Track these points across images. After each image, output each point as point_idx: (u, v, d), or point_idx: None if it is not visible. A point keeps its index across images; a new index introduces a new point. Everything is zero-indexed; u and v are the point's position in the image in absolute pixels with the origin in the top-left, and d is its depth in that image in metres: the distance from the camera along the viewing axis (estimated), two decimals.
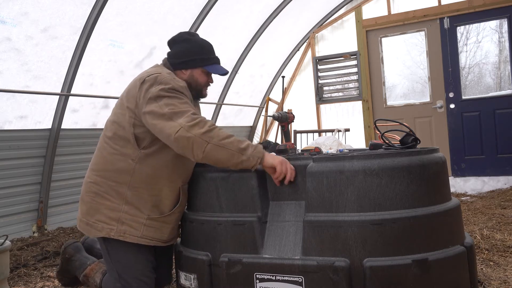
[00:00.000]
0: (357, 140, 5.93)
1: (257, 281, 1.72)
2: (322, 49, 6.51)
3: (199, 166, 2.06)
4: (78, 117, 4.09)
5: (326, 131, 5.28)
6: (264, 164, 1.80)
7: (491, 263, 2.48)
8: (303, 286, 1.64)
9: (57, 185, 4.00)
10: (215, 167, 1.90)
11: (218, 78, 5.71)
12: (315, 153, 1.97)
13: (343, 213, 1.64)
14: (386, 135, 1.95)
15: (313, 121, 6.50)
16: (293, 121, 2.94)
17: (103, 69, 4.11)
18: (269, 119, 6.66)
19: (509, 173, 5.29)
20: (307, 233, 1.68)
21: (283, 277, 1.68)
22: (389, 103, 6.08)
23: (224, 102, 5.99)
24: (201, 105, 2.33)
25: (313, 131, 5.21)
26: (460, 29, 5.65)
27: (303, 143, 5.23)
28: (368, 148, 2.11)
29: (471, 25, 5.63)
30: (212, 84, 2.18)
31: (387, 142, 1.93)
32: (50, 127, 3.83)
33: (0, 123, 3.49)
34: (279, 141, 5.54)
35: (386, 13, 5.96)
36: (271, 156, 1.81)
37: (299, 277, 1.65)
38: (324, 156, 1.77)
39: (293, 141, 4.89)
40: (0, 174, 3.53)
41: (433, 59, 5.74)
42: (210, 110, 5.85)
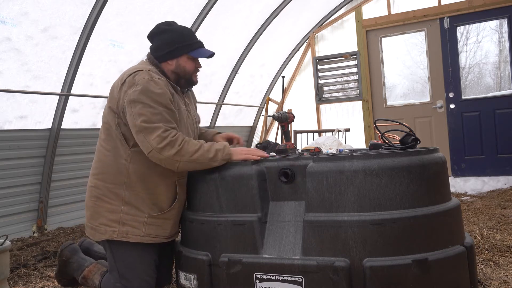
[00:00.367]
0: (357, 140, 5.93)
1: (257, 281, 1.72)
2: (322, 49, 6.51)
3: None
4: (78, 117, 4.09)
5: (326, 131, 5.28)
6: (234, 160, 1.93)
7: (491, 263, 2.48)
8: (303, 286, 1.64)
9: (57, 185, 4.00)
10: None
11: (218, 78, 5.74)
12: (315, 153, 1.97)
13: (343, 213, 1.64)
14: (386, 135, 1.95)
15: (313, 121, 6.50)
16: (293, 121, 2.94)
17: (103, 69, 4.11)
18: (269, 119, 6.66)
19: (509, 173, 5.29)
20: (307, 233, 1.68)
21: (283, 277, 1.68)
22: (389, 103, 6.08)
23: (224, 102, 5.99)
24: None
25: (313, 131, 5.21)
26: (460, 29, 5.65)
27: (303, 143, 5.23)
28: (368, 148, 2.11)
29: (471, 25, 5.63)
30: (200, 69, 2.16)
31: (387, 142, 1.93)
32: (50, 127, 3.83)
33: (0, 123, 3.49)
34: (279, 141, 5.54)
35: (386, 13, 5.96)
36: (236, 153, 1.93)
37: (299, 277, 1.65)
38: (324, 156, 1.77)
39: (293, 141, 4.89)
40: (0, 174, 3.53)
41: (433, 59, 5.74)
42: (210, 110, 5.84)
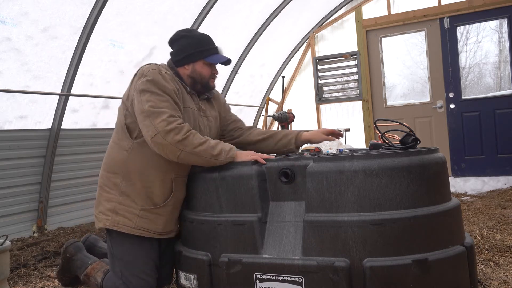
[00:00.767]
0: (357, 140, 5.93)
1: (257, 281, 1.72)
2: (322, 49, 6.51)
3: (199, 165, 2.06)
4: (78, 117, 4.09)
5: None
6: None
7: (491, 263, 2.48)
8: (303, 286, 1.64)
9: (57, 185, 4.00)
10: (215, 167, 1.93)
11: (218, 78, 5.72)
12: (315, 153, 1.97)
13: (343, 213, 1.64)
14: (386, 135, 1.95)
15: (313, 121, 6.50)
16: (293, 121, 2.95)
17: (103, 69, 4.11)
18: (269, 119, 6.65)
19: (509, 173, 5.29)
20: (307, 233, 1.68)
21: (283, 277, 1.68)
22: (389, 103, 6.08)
23: None
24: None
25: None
26: (460, 29, 5.65)
27: None
28: (368, 148, 2.11)
29: (471, 25, 5.63)
30: (217, 75, 2.21)
31: (387, 142, 1.93)
32: (50, 127, 3.83)
33: (0, 123, 3.49)
34: None
35: (386, 13, 5.96)
36: (241, 156, 1.92)
37: (299, 277, 1.65)
38: (324, 156, 1.77)
39: None
40: (0, 174, 3.53)
41: (433, 59, 5.74)
42: None
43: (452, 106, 5.62)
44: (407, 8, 5.84)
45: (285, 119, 2.65)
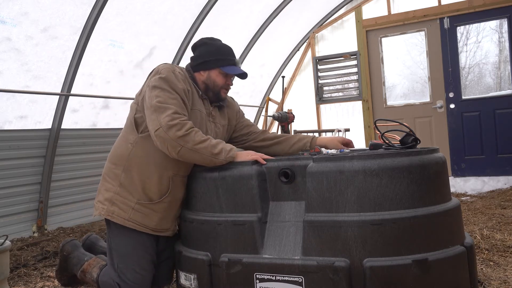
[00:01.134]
0: (357, 140, 5.93)
1: (257, 281, 1.73)
2: (322, 49, 6.51)
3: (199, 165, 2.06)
4: (78, 117, 4.09)
5: (326, 131, 5.28)
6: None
7: (491, 263, 2.47)
8: (303, 286, 1.64)
9: (57, 185, 4.00)
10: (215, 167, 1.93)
11: None
12: (315, 153, 1.97)
13: (343, 213, 1.64)
14: (386, 135, 1.95)
15: (313, 121, 6.50)
16: (293, 121, 2.95)
17: (103, 69, 4.11)
18: (269, 119, 6.66)
19: (509, 173, 5.29)
20: (307, 233, 1.68)
21: (283, 277, 1.68)
22: (389, 103, 6.08)
23: None
24: None
25: (313, 131, 5.21)
26: (460, 29, 5.65)
27: None
28: (368, 148, 2.11)
29: (471, 25, 5.63)
30: (231, 86, 2.23)
31: (387, 142, 1.93)
32: (50, 127, 3.83)
33: (0, 123, 3.49)
34: None
35: (386, 13, 5.96)
36: (241, 156, 1.92)
37: (299, 277, 1.65)
38: (324, 156, 1.77)
39: None
40: (0, 174, 3.53)
41: (433, 59, 5.74)
42: None
43: (452, 106, 5.62)
44: (407, 8, 5.84)
45: (285, 119, 2.64)
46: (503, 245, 2.76)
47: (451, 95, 5.61)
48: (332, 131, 5.16)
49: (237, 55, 5.74)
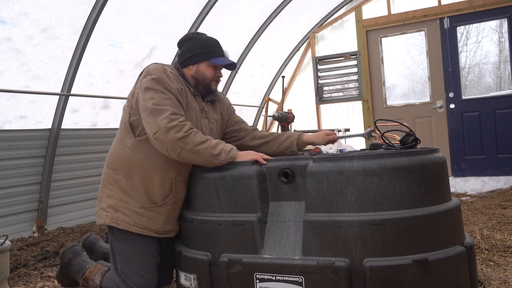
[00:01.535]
0: (357, 140, 5.93)
1: (257, 281, 1.72)
2: (322, 49, 6.50)
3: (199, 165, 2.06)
4: (78, 117, 4.09)
5: None
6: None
7: (491, 263, 2.47)
8: (303, 286, 1.64)
9: (57, 185, 4.00)
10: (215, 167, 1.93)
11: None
12: (315, 153, 1.97)
13: (343, 213, 1.64)
14: (386, 135, 1.95)
15: (313, 121, 6.50)
16: (293, 121, 2.94)
17: (103, 69, 4.11)
18: (269, 119, 6.65)
19: (509, 173, 5.29)
20: (307, 233, 1.68)
21: (283, 277, 1.68)
22: (389, 103, 6.08)
23: None
24: None
25: (313, 131, 5.20)
26: (460, 29, 5.65)
27: None
28: (368, 148, 2.11)
29: (471, 25, 5.63)
30: (221, 78, 2.21)
31: (387, 142, 1.93)
32: (50, 127, 3.83)
33: (0, 123, 3.49)
34: None
35: (386, 13, 5.96)
36: (241, 156, 1.92)
37: (299, 277, 1.65)
38: (324, 156, 1.77)
39: None
40: (0, 174, 3.53)
41: (433, 59, 5.74)
42: None
43: (452, 106, 5.62)
44: (407, 8, 5.84)
45: (285, 119, 2.64)
46: (503, 245, 2.76)
47: (451, 95, 5.61)
48: (332, 131, 5.15)
49: (237, 55, 5.78)
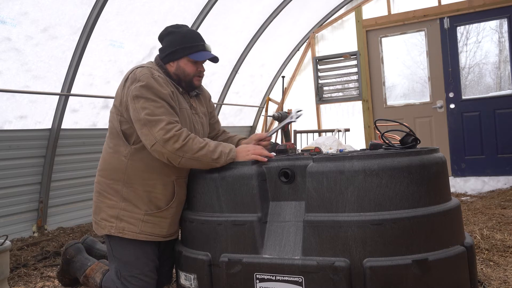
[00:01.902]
0: (357, 140, 5.93)
1: (257, 281, 1.72)
2: (322, 49, 6.50)
3: None
4: (78, 117, 4.09)
5: (326, 131, 5.28)
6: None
7: (491, 263, 2.47)
8: (303, 286, 1.64)
9: (57, 185, 4.00)
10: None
11: (219, 78, 5.74)
12: (315, 153, 1.97)
13: (343, 213, 1.64)
14: (386, 135, 1.95)
15: (313, 121, 6.50)
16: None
17: (103, 69, 4.11)
18: (269, 119, 6.65)
19: (509, 173, 5.28)
20: (307, 233, 1.68)
21: (283, 277, 1.68)
22: (389, 103, 6.08)
23: (224, 102, 5.99)
24: None
25: (313, 131, 5.21)
26: (460, 29, 5.65)
27: (303, 143, 5.23)
28: (368, 148, 2.11)
29: (471, 25, 5.63)
30: (204, 72, 2.15)
31: (387, 142, 1.93)
32: (50, 127, 3.83)
33: (0, 123, 3.49)
34: (279, 141, 5.54)
35: (386, 13, 5.96)
36: (242, 156, 1.92)
37: (299, 277, 1.65)
38: (324, 156, 1.77)
39: (293, 141, 4.89)
40: (0, 174, 3.53)
41: (433, 59, 5.74)
42: None
43: (452, 106, 5.62)
44: (407, 8, 5.84)
45: (285, 119, 2.63)
46: (503, 245, 2.76)
47: (451, 95, 5.61)
48: (332, 131, 5.16)
49: (237, 55, 5.79)
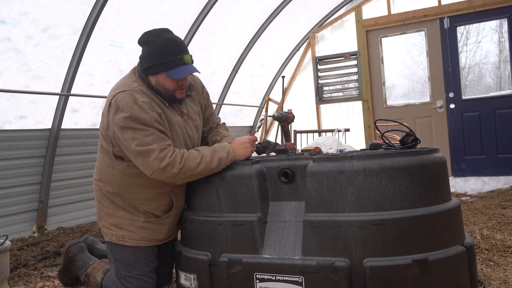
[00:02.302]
0: (357, 140, 5.93)
1: (257, 281, 1.72)
2: (322, 49, 6.50)
3: None
4: (78, 117, 4.09)
5: (326, 131, 5.28)
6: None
7: (491, 263, 2.47)
8: (303, 286, 1.64)
9: (57, 185, 4.00)
10: None
11: (218, 78, 5.74)
12: (315, 153, 1.97)
13: (343, 213, 1.64)
14: (386, 135, 1.95)
15: (313, 121, 6.50)
16: (293, 121, 2.94)
17: (103, 69, 4.11)
18: (269, 119, 6.65)
19: (509, 173, 5.28)
20: (307, 233, 1.68)
21: (283, 277, 1.68)
22: (389, 103, 6.07)
23: (224, 102, 5.99)
24: None
25: (313, 131, 5.21)
26: (460, 29, 5.65)
27: (303, 143, 5.23)
28: (368, 148, 2.10)
29: (471, 25, 5.63)
30: (185, 85, 1.99)
31: (387, 142, 1.93)
32: (50, 127, 3.83)
33: (0, 123, 3.49)
34: (279, 141, 5.54)
35: (386, 13, 5.96)
36: (239, 154, 1.95)
37: (299, 277, 1.65)
38: (324, 156, 1.77)
39: (293, 141, 4.89)
40: (0, 174, 3.53)
41: (433, 59, 5.74)
42: None
43: (452, 106, 5.62)
44: (407, 8, 5.84)
45: (285, 119, 2.63)
46: (503, 245, 2.76)
47: (451, 95, 5.61)
48: (332, 131, 5.16)
49: (237, 55, 5.78)
